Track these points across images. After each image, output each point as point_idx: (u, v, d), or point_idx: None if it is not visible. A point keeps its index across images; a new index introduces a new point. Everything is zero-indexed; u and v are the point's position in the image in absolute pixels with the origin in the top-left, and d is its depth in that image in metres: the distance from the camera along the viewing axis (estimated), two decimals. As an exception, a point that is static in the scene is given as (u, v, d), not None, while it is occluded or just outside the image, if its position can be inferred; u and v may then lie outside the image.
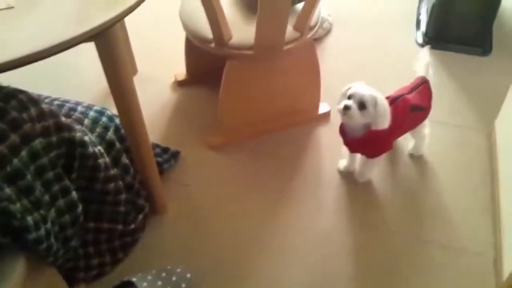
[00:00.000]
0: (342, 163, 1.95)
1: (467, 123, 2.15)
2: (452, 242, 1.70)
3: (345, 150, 1.89)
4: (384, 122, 1.65)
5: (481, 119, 2.16)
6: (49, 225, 1.28)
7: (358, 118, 1.64)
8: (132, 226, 1.63)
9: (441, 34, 2.55)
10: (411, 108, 1.76)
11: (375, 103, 1.62)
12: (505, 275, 1.50)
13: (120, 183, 1.53)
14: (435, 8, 2.49)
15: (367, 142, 1.73)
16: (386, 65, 2.44)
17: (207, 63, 2.20)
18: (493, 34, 2.62)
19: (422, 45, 2.59)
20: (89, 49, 1.32)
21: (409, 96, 1.77)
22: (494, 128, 2.04)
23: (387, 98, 1.72)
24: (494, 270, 1.61)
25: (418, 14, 2.79)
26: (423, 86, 1.82)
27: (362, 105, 1.62)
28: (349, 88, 1.68)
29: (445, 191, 1.88)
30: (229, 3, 1.97)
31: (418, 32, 2.67)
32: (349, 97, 1.65)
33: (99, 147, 1.46)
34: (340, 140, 1.83)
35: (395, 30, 2.72)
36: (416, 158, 1.99)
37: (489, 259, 1.64)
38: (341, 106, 1.64)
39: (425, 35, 2.60)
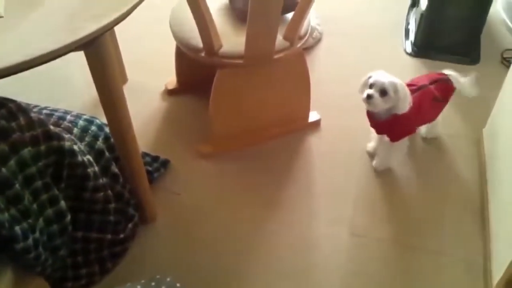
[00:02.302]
0: (370, 145, 2.06)
1: (456, 132, 2.16)
2: (442, 249, 1.71)
3: (373, 133, 2.00)
4: (405, 105, 1.76)
5: (470, 127, 2.18)
6: (37, 234, 1.27)
7: (381, 105, 1.76)
8: (122, 235, 1.62)
9: (430, 44, 2.58)
10: (434, 98, 1.89)
11: (396, 89, 1.73)
12: (494, 282, 1.50)
13: (109, 192, 1.52)
14: (423, 18, 2.52)
15: (391, 124, 1.85)
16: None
17: (197, 72, 2.20)
18: (481, 43, 2.64)
19: (410, 54, 2.61)
20: (79, 58, 1.31)
21: (433, 88, 1.89)
22: (482, 136, 2.06)
23: (413, 85, 1.86)
24: (483, 277, 1.62)
25: (407, 23, 2.82)
26: (443, 81, 1.92)
27: (383, 92, 1.73)
28: (369, 77, 1.78)
29: (435, 199, 1.89)
30: (219, 12, 1.98)
31: (407, 41, 2.69)
32: (370, 86, 1.76)
33: (88, 156, 1.45)
34: (330, 147, 1.84)
35: (385, 39, 2.74)
36: (410, 164, 2.00)
37: (479, 266, 1.65)
38: (364, 95, 1.76)
39: (414, 44, 2.62)
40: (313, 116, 2.18)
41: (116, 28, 1.30)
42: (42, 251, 1.32)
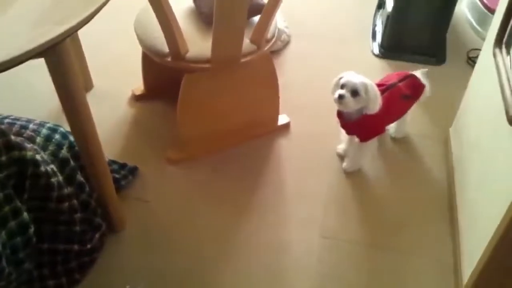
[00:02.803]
0: (341, 147, 2.07)
1: (424, 132, 2.19)
2: (412, 250, 1.72)
3: (343, 135, 2.02)
4: (376, 106, 1.78)
5: (437, 127, 2.20)
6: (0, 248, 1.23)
7: (352, 105, 1.77)
8: (89, 245, 1.58)
9: (396, 45, 2.60)
10: (402, 96, 1.92)
11: (366, 89, 1.75)
12: (464, 282, 1.52)
13: (75, 201, 1.49)
14: (389, 20, 2.54)
15: (361, 125, 1.87)
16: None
17: (165, 76, 2.17)
18: (447, 43, 2.68)
19: (378, 56, 2.63)
20: (42, 64, 1.28)
21: (401, 85, 1.92)
22: (449, 135, 2.08)
23: (382, 85, 1.88)
24: (454, 276, 1.63)
25: (374, 25, 2.84)
26: (411, 78, 1.96)
27: (354, 93, 1.75)
28: (340, 78, 1.80)
29: (404, 199, 1.90)
30: (185, 16, 1.96)
31: (374, 43, 2.71)
32: (342, 87, 1.77)
33: (52, 166, 1.41)
34: (300, 150, 1.84)
35: (352, 41, 2.75)
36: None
37: (449, 266, 1.67)
38: (336, 95, 1.77)
39: (381, 46, 2.65)
40: (282, 119, 2.18)
41: (80, 33, 1.27)
42: (5, 265, 1.28)
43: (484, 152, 1.60)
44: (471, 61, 2.57)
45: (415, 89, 1.97)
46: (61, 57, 1.27)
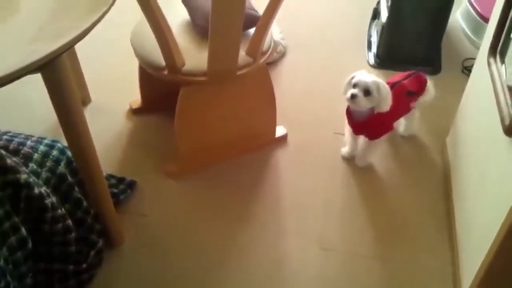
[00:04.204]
0: (345, 150, 2.10)
1: (421, 141, 2.19)
2: (411, 259, 1.72)
3: (347, 136, 2.06)
4: (387, 104, 1.82)
5: (433, 137, 2.21)
6: (2, 263, 1.24)
7: (364, 104, 1.81)
8: (84, 265, 1.57)
9: (392, 55, 2.62)
10: (407, 93, 1.97)
11: (378, 88, 1.80)
12: (464, 290, 1.52)
13: (69, 221, 1.48)
14: (384, 30, 2.56)
15: (370, 124, 1.91)
16: (340, 85, 2.46)
17: (162, 90, 2.17)
18: (442, 53, 2.70)
19: (374, 66, 2.64)
20: (39, 79, 1.28)
21: (405, 82, 1.98)
22: (446, 145, 2.09)
23: (387, 83, 1.90)
24: (453, 286, 1.63)
25: (369, 36, 2.86)
26: (415, 75, 2.03)
27: (367, 92, 1.79)
28: (352, 77, 1.84)
29: (402, 209, 1.90)
30: (181, 29, 1.97)
31: (369, 53, 2.72)
32: (354, 86, 1.82)
33: (45, 188, 1.41)
34: (298, 161, 1.83)
35: (348, 52, 2.77)
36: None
37: (449, 274, 1.66)
38: (348, 95, 1.81)
39: (377, 56, 2.66)
40: (279, 131, 2.18)
41: (77, 46, 1.27)
42: (10, 280, 1.28)
43: (480, 162, 1.60)
44: (467, 70, 2.58)
45: (419, 83, 2.02)
46: (58, 72, 1.27)
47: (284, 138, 2.19)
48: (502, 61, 1.54)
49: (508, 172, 1.32)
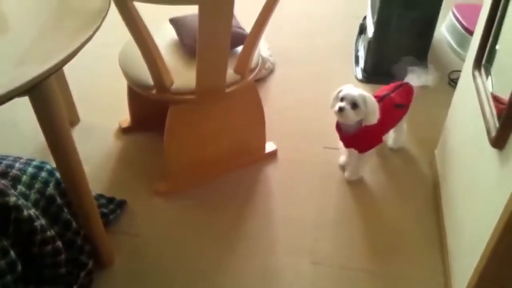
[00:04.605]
0: (342, 159, 2.13)
1: (410, 153, 2.21)
2: (403, 273, 1.71)
3: (341, 147, 2.07)
4: (374, 117, 1.85)
5: (422, 149, 2.22)
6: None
7: (352, 117, 1.83)
8: (75, 287, 1.55)
9: (379, 69, 2.64)
10: (395, 105, 1.99)
11: (365, 101, 1.82)
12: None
13: (59, 243, 1.47)
14: (371, 45, 2.58)
15: (360, 137, 1.93)
16: (329, 100, 2.46)
17: (151, 108, 2.18)
18: (429, 66, 2.72)
19: (361, 81, 2.66)
20: (28, 100, 1.28)
21: (393, 95, 2.01)
22: (434, 158, 2.10)
23: (375, 97, 1.92)
24: (445, 298, 1.63)
25: (356, 50, 2.88)
26: (403, 87, 2.06)
27: (354, 105, 1.81)
28: (340, 91, 1.87)
29: (392, 221, 1.90)
30: (169, 49, 1.98)
31: (357, 68, 2.75)
32: (341, 99, 1.84)
33: (34, 210, 1.41)
34: (288, 176, 1.84)
35: (336, 67, 2.79)
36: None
37: (440, 285, 1.66)
38: (336, 108, 1.83)
39: (364, 70, 2.68)
40: (269, 147, 2.19)
41: (65, 67, 1.27)
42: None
43: (468, 173, 1.62)
44: (453, 82, 2.61)
45: (407, 95, 2.06)
46: (45, 95, 1.27)
47: (274, 153, 2.19)
48: (487, 74, 1.56)
49: (495, 183, 1.33)
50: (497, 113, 1.36)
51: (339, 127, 1.97)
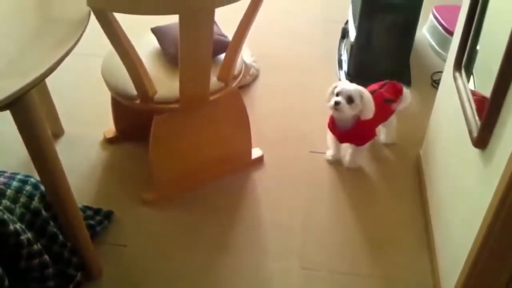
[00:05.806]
0: (329, 153, 2.16)
1: (395, 155, 2.22)
2: (391, 274, 1.73)
3: (330, 141, 2.12)
4: (370, 111, 1.89)
5: (407, 150, 2.24)
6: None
7: (348, 111, 1.87)
8: (63, 300, 1.55)
9: (362, 72, 2.65)
10: (385, 100, 2.04)
11: (361, 96, 1.86)
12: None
13: (46, 257, 1.46)
14: (353, 49, 2.60)
15: (356, 132, 1.98)
16: (313, 104, 2.49)
17: (135, 118, 2.16)
18: (412, 67, 2.74)
19: (345, 84, 2.67)
20: (10, 114, 1.27)
21: (382, 90, 2.06)
22: (420, 158, 2.12)
23: None
24: (434, 298, 1.64)
25: (339, 54, 2.90)
26: (390, 83, 2.11)
27: (350, 99, 1.85)
28: (335, 87, 1.91)
29: (381, 224, 1.91)
30: (151, 58, 1.97)
31: (341, 71, 2.76)
32: (337, 94, 1.87)
33: (19, 224, 1.39)
34: (275, 181, 1.84)
35: (320, 71, 2.80)
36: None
37: (429, 286, 1.67)
38: (332, 103, 1.86)
39: (348, 74, 2.70)
40: (255, 153, 2.19)
41: (48, 79, 1.26)
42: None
43: (453, 174, 1.63)
44: (435, 83, 2.63)
45: (395, 93, 2.10)
46: (26, 108, 1.26)
47: (260, 159, 2.20)
48: (470, 74, 1.58)
49: (479, 183, 1.34)
50: (477, 108, 1.38)
51: (333, 124, 2.00)
